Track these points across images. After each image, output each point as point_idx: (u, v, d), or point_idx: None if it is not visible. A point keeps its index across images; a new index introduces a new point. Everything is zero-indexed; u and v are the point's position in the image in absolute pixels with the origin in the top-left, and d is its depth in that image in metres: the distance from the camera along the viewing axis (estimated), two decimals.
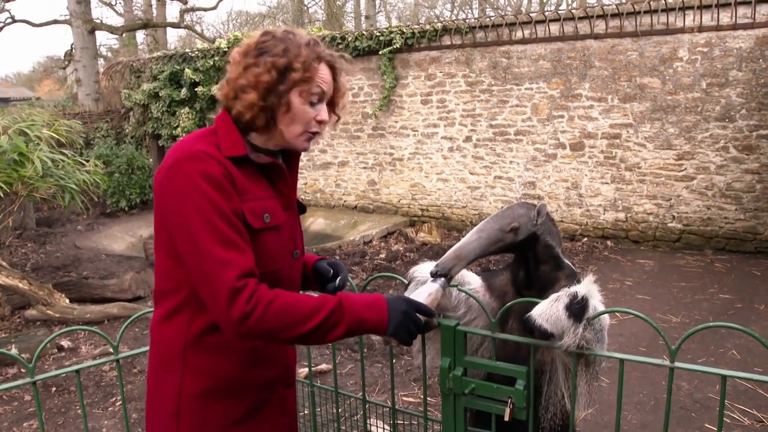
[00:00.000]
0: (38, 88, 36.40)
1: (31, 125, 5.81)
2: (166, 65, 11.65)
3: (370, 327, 1.50)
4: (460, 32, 9.06)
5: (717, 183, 7.61)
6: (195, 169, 1.42)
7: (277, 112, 1.52)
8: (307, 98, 1.53)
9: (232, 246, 1.41)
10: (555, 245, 1.99)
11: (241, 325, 1.38)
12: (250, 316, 1.38)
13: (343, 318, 1.46)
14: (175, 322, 1.55)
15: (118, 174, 11.56)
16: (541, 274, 1.98)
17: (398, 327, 1.51)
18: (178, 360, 1.54)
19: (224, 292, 1.38)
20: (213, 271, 1.39)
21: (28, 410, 4.19)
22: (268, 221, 1.53)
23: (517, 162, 8.99)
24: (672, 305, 5.85)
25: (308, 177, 11.19)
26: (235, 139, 1.53)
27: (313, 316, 1.43)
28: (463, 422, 1.80)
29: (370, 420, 3.34)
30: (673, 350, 1.53)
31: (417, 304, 1.57)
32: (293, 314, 1.42)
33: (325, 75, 1.57)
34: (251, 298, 1.38)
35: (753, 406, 3.87)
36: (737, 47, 7.22)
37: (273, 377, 1.65)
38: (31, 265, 7.89)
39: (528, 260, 1.99)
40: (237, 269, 1.39)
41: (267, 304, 1.39)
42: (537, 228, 1.94)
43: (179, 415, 1.54)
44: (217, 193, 1.42)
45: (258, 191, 1.54)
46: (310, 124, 1.56)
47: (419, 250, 8.18)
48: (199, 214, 1.40)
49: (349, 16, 28.93)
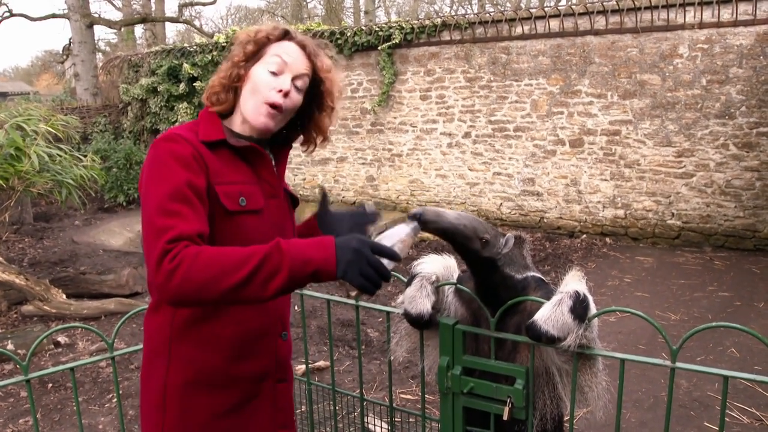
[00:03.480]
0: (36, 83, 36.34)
1: (28, 120, 5.77)
2: (165, 60, 11.61)
3: (314, 268, 1.30)
4: (460, 28, 9.03)
5: (716, 180, 7.60)
6: (165, 148, 1.46)
7: (240, 88, 1.59)
8: (269, 67, 1.57)
9: (173, 215, 1.35)
10: (514, 273, 1.87)
11: (167, 284, 1.28)
12: (175, 273, 1.27)
13: (282, 261, 1.29)
14: (162, 311, 1.56)
15: (116, 169, 11.52)
16: (502, 292, 1.86)
17: (349, 266, 1.31)
18: (164, 350, 1.55)
19: (155, 256, 1.30)
20: (151, 239, 1.34)
21: (24, 406, 4.17)
22: (243, 204, 1.52)
23: (516, 158, 8.96)
24: (671, 303, 5.84)
25: (307, 172, 11.17)
26: (213, 125, 1.58)
27: (246, 263, 1.28)
28: (461, 421, 1.79)
29: (368, 417, 3.33)
30: (675, 350, 1.51)
31: (374, 243, 1.36)
32: (222, 263, 1.27)
33: (291, 50, 1.60)
34: (176, 256, 1.28)
35: (752, 405, 3.86)
36: (738, 44, 7.20)
37: (261, 371, 1.63)
38: (28, 261, 7.86)
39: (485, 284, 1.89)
40: (171, 234, 1.32)
41: (192, 258, 1.28)
42: (499, 257, 1.83)
43: (165, 405, 1.54)
44: (177, 166, 1.43)
45: (234, 175, 1.55)
46: (270, 93, 1.55)
47: (418, 246, 8.17)
48: (152, 187, 1.41)
49: (348, 11, 28.88)
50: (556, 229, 8.70)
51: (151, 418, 1.57)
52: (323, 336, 5.14)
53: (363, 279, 1.32)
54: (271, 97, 1.55)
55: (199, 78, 11.10)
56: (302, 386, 2.50)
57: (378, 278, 1.34)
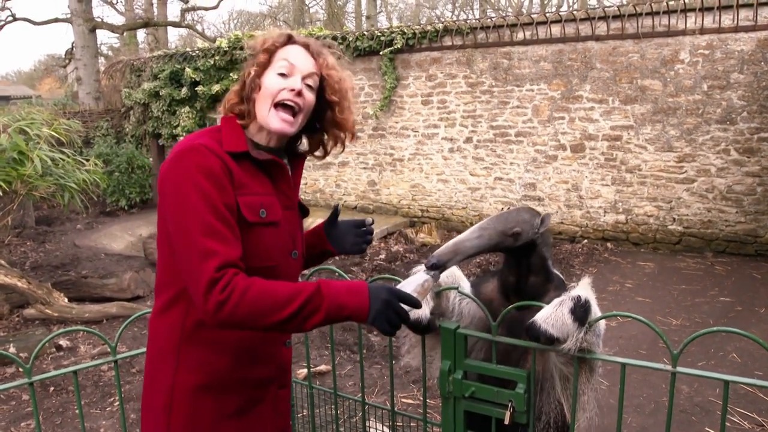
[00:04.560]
0: (39, 87, 36.39)
1: (30, 124, 5.79)
2: (167, 64, 11.63)
3: (349, 314, 1.46)
4: (461, 33, 9.05)
5: (718, 185, 7.60)
6: (193, 161, 1.46)
7: (254, 96, 1.60)
8: (277, 70, 1.59)
9: (217, 237, 1.42)
10: (549, 257, 1.96)
11: (216, 314, 1.38)
12: (225, 305, 1.37)
13: (322, 304, 1.43)
14: (172, 314, 1.56)
15: (118, 173, 11.54)
16: (531, 285, 1.93)
17: (378, 315, 1.46)
18: (173, 353, 1.55)
19: (203, 282, 1.38)
20: (196, 260, 1.40)
21: (26, 410, 4.18)
22: (263, 216, 1.55)
23: (517, 163, 8.97)
24: (672, 308, 5.84)
25: (308, 177, 11.18)
26: (237, 136, 1.57)
27: (291, 303, 1.40)
28: (462, 425, 1.79)
29: (369, 422, 3.33)
30: (675, 355, 1.52)
31: (400, 293, 1.50)
32: (269, 301, 1.40)
33: (297, 52, 1.62)
34: (226, 287, 1.38)
35: (753, 410, 3.86)
36: (739, 50, 7.21)
37: (267, 376, 1.65)
38: (30, 264, 7.87)
39: (520, 267, 1.95)
40: (218, 260, 1.39)
41: (242, 292, 1.38)
42: (537, 237, 1.90)
43: (171, 407, 1.55)
44: (210, 185, 1.44)
45: (256, 186, 1.56)
46: (282, 93, 1.57)
47: (419, 251, 8.17)
48: (190, 203, 1.43)
49: (350, 16, 28.93)
50: (557, 234, 8.70)
51: (155, 419, 1.57)
52: (324, 340, 5.14)
53: (388, 326, 1.47)
54: (283, 96, 1.57)
55: (201, 82, 11.12)
56: (304, 390, 2.51)
57: (400, 324, 1.50)
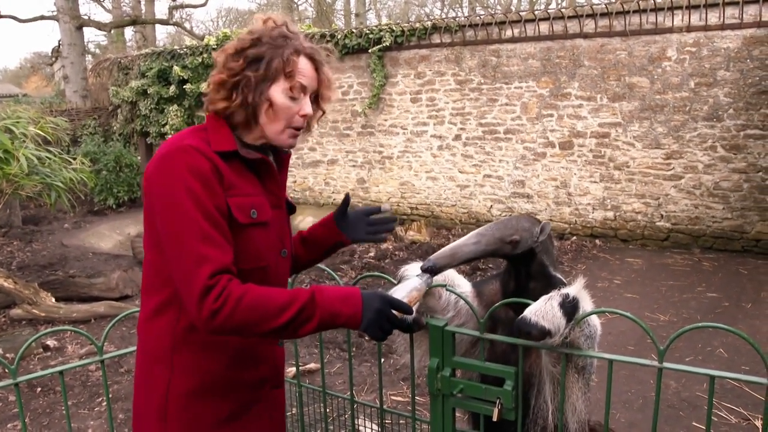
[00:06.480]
0: (25, 85, 36.05)
1: (16, 122, 5.73)
2: (155, 62, 11.57)
3: (342, 322, 1.47)
4: (450, 31, 9.06)
5: (705, 182, 7.66)
6: (182, 162, 1.43)
7: (259, 109, 1.53)
8: (289, 93, 1.54)
9: (210, 241, 1.40)
10: (549, 264, 1.95)
11: (210, 322, 1.37)
12: (219, 313, 1.36)
13: (316, 312, 1.43)
14: (163, 318, 1.53)
15: (106, 172, 11.46)
16: (531, 290, 1.93)
17: (370, 324, 1.47)
18: (166, 358, 1.53)
19: (197, 289, 1.37)
20: (188, 266, 1.39)
21: (13, 411, 4.14)
22: (254, 217, 1.53)
23: (506, 161, 9.00)
24: (660, 304, 5.88)
25: (297, 175, 11.15)
26: (224, 135, 1.54)
27: (285, 311, 1.40)
28: (451, 423, 1.79)
29: (358, 420, 3.33)
30: (662, 351, 1.52)
31: (393, 300, 1.52)
32: (263, 310, 1.39)
33: (306, 68, 1.57)
34: (220, 295, 1.36)
35: (740, 405, 3.89)
36: (725, 47, 7.27)
37: (262, 377, 1.64)
38: (17, 264, 7.81)
39: (519, 274, 1.96)
40: (211, 266, 1.38)
41: (236, 301, 1.37)
42: (536, 245, 1.90)
43: (167, 413, 1.52)
44: (201, 188, 1.42)
45: (245, 187, 1.54)
46: (293, 119, 1.56)
47: (408, 249, 8.18)
48: (182, 207, 1.40)
49: (338, 13, 28.89)
50: None
51: (151, 425, 1.54)
52: (314, 338, 5.13)
53: (380, 332, 1.50)
54: (296, 122, 1.57)
55: (189, 80, 11.07)
56: (293, 388, 2.50)
57: (392, 331, 1.53)
